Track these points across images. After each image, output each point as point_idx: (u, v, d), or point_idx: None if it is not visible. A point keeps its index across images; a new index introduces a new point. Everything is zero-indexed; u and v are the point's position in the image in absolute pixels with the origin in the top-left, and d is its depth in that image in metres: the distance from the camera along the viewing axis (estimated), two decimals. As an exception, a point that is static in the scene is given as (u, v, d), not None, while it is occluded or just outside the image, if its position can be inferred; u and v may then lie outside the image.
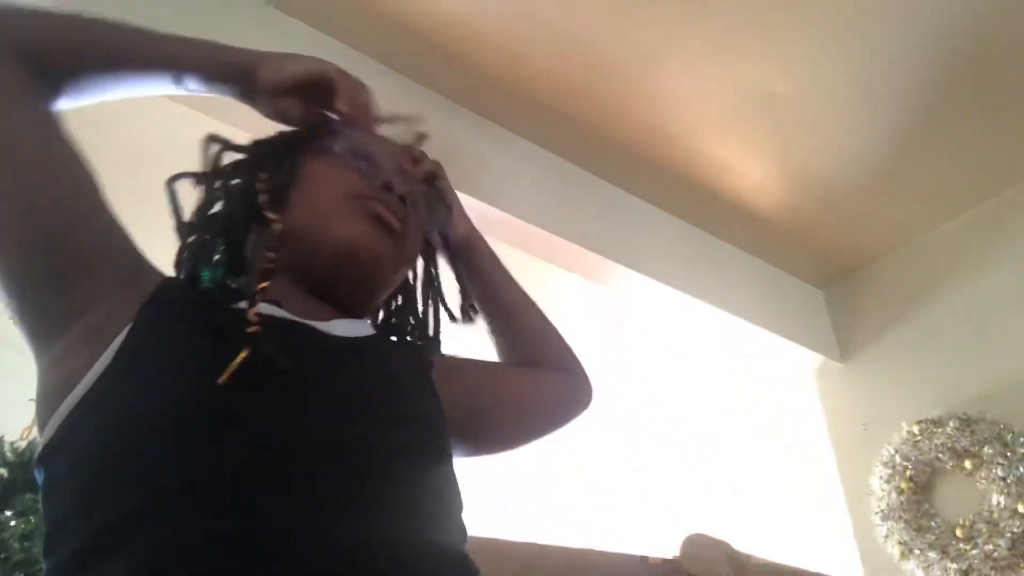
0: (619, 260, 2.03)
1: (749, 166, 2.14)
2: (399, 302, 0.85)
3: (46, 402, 0.59)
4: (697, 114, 1.97)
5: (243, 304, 0.62)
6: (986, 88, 1.90)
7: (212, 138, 0.77)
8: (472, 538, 0.84)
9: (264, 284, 0.63)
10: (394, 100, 1.79)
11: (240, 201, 0.74)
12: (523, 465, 2.79)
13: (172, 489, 0.49)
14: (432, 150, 0.96)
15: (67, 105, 0.70)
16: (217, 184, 0.75)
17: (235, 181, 0.76)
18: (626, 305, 2.32)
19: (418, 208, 0.80)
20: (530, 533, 1.05)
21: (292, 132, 0.79)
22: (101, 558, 0.48)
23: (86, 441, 0.54)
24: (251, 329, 0.56)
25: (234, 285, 0.73)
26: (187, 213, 0.75)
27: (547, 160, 2.08)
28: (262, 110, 0.78)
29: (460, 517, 0.64)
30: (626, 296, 2.21)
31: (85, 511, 0.51)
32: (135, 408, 0.54)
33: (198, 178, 0.74)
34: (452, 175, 1.75)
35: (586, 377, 0.95)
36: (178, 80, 0.74)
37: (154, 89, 0.74)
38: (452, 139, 1.84)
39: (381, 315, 0.85)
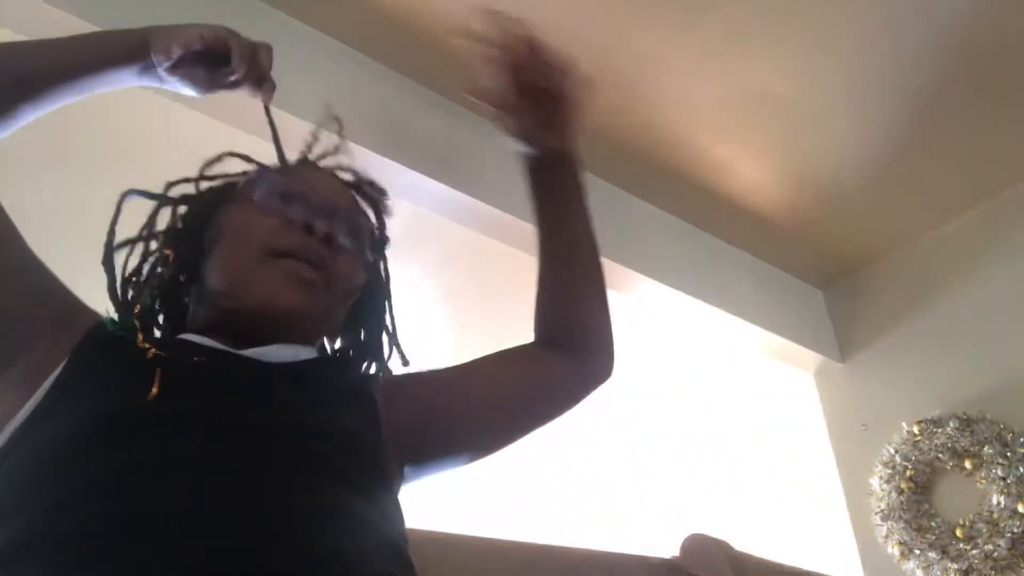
0: (618, 260, 2.03)
1: (749, 166, 2.13)
2: (358, 320, 0.84)
3: None
4: (697, 114, 1.97)
5: (188, 335, 0.69)
6: (986, 88, 1.90)
7: (131, 192, 0.78)
8: (472, 538, 0.84)
9: (137, 308, 0.71)
10: (393, 99, 1.79)
11: (157, 258, 0.77)
12: (523, 465, 2.79)
13: (93, 485, 0.52)
14: (431, 149, 0.96)
15: None
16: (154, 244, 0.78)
17: (154, 243, 0.78)
18: (625, 305, 2.32)
19: (356, 236, 0.77)
20: (530, 533, 1.04)
21: (215, 185, 0.81)
22: (19, 560, 0.49)
23: (21, 459, 0.57)
24: (150, 355, 0.61)
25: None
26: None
27: (547, 160, 2.07)
28: (174, 85, 0.76)
29: (399, 528, 0.65)
30: (625, 296, 2.21)
31: (16, 510, 0.52)
32: (68, 425, 0.57)
33: (109, 248, 0.76)
34: (451, 174, 1.74)
35: (608, 357, 0.91)
36: (82, 84, 0.73)
37: (58, 102, 0.73)
38: (451, 138, 1.84)
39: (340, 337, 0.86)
